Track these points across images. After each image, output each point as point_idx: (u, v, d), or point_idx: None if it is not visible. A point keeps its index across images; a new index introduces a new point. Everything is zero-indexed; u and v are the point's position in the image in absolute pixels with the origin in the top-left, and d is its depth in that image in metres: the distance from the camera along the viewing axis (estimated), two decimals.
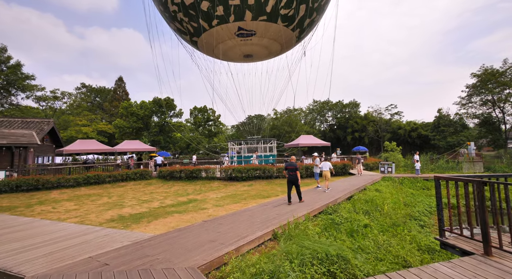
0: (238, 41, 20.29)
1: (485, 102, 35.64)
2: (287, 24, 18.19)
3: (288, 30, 19.31)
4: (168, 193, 13.22)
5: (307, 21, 19.22)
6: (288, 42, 21.29)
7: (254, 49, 21.84)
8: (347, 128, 49.10)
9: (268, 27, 18.24)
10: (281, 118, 53.95)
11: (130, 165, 19.78)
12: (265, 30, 18.62)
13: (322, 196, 9.87)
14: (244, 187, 14.73)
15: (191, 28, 18.47)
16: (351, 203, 9.12)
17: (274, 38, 20.20)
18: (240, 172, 16.22)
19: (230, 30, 18.49)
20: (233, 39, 19.98)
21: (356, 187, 11.61)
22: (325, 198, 9.23)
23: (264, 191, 13.01)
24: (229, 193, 12.99)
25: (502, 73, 33.09)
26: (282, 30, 18.98)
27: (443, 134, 35.76)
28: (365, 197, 10.11)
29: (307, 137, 24.45)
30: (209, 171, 16.83)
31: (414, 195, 12.85)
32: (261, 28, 18.22)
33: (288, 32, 19.53)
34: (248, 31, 18.51)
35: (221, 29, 18.28)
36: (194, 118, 42.68)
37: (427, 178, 15.65)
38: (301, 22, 18.59)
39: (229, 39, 19.93)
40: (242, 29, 18.45)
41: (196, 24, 17.95)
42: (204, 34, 18.96)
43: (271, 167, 16.77)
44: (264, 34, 19.23)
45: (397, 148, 25.13)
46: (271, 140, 26.67)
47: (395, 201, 10.29)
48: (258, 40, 20.20)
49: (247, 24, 17.69)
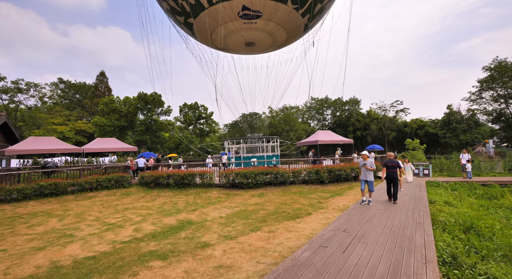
0: (241, 24, 17.01)
1: (496, 98, 33.50)
2: (297, 7, 15.22)
3: (297, 15, 16.32)
4: (149, 210, 9.39)
5: (318, 7, 16.36)
6: (295, 29, 18.30)
7: (258, 35, 18.63)
8: (348, 126, 46.28)
9: (276, 8, 15.35)
10: (277, 117, 50.59)
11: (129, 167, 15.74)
12: (273, 12, 15.67)
13: (396, 217, 6.38)
14: (254, 198, 11.10)
15: (187, 5, 14.96)
16: (449, 233, 5.68)
17: (281, 24, 17.26)
18: (245, 177, 12.59)
19: (233, 10, 15.34)
20: (235, 21, 16.72)
21: (419, 199, 8.22)
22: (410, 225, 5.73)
23: (284, 205, 9.43)
24: (236, 208, 9.33)
25: None
26: (291, 13, 15.97)
27: (455, 132, 33.32)
28: (450, 216, 6.71)
29: (325, 133, 21.08)
30: (205, 175, 13.09)
31: (488, 207, 9.59)
32: (269, 9, 15.26)
33: (296, 17, 16.62)
34: (254, 12, 15.50)
35: (223, 8, 15.01)
36: (184, 116, 38.60)
37: (485, 183, 12.50)
38: (312, 7, 15.76)
39: (231, 21, 16.62)
40: (247, 9, 15.46)
41: (194, 1, 14.51)
42: (202, 14, 15.52)
43: (285, 170, 13.20)
44: (271, 17, 16.15)
45: (421, 146, 22.17)
46: (274, 138, 23.15)
47: (490, 221, 6.92)
48: (264, 24, 17.11)
49: (253, 3, 14.64)
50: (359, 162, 8.36)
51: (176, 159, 28.22)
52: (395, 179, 8.24)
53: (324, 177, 13.01)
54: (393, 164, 8.38)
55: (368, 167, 8.03)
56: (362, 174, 8.24)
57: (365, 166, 8.06)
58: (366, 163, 8.10)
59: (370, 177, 8.09)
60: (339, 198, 10.15)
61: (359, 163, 8.44)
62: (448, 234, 5.72)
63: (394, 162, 8.44)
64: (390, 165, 8.39)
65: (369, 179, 8.09)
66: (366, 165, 8.06)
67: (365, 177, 8.14)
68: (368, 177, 8.08)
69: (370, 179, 8.09)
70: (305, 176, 13.54)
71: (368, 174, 8.10)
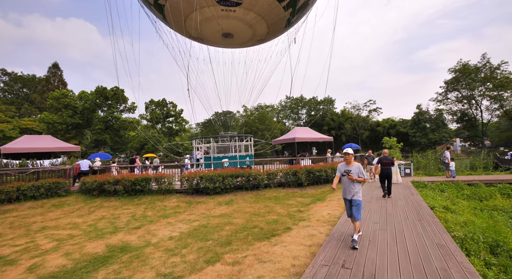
0: (218, 11, 15.08)
1: (460, 99, 35.04)
2: None
3: (280, 7, 14.83)
4: (76, 229, 6.95)
5: (301, 1, 15.06)
6: (277, 23, 16.90)
7: (236, 26, 16.85)
8: (323, 126, 46.05)
9: None
10: (252, 116, 48.92)
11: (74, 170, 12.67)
12: (254, 1, 13.95)
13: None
14: (221, 206, 9.11)
15: None
16: (476, 256, 4.21)
17: (262, 15, 15.74)
18: (211, 180, 10.55)
19: None
20: (212, 7, 14.77)
21: (418, 206, 6.85)
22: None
23: (257, 216, 7.57)
24: (195, 222, 7.27)
25: (478, 69, 32.53)
26: (273, 4, 14.48)
27: (424, 131, 34.19)
28: (465, 230, 5.33)
29: (303, 130, 19.61)
30: (162, 180, 10.78)
31: (482, 210, 8.60)
32: None
33: (279, 9, 15.11)
34: None
35: None
36: (150, 113, 35.19)
37: (470, 183, 11.75)
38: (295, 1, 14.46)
39: (207, 6, 14.65)
40: None
41: None
42: None
43: (258, 172, 11.37)
44: (252, 6, 14.44)
45: (398, 145, 21.76)
46: (248, 137, 21.31)
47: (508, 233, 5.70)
48: (244, 13, 15.44)
49: None
50: (338, 168, 4.90)
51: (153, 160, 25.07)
52: (390, 175, 8.54)
53: (303, 178, 11.41)
54: (388, 160, 8.64)
55: (355, 177, 4.54)
56: (344, 187, 4.78)
57: (350, 175, 4.54)
58: (350, 169, 4.60)
59: (357, 194, 4.59)
60: (321, 205, 8.54)
61: (337, 169, 4.93)
62: (475, 257, 4.26)
63: (389, 159, 8.71)
64: (385, 162, 8.60)
65: (356, 198, 4.58)
66: (351, 174, 4.55)
67: (350, 193, 4.63)
68: (355, 193, 4.60)
69: (357, 198, 4.58)
70: (281, 178, 11.85)
71: (354, 189, 4.60)
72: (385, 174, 8.55)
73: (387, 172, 8.49)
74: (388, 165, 8.55)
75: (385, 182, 8.56)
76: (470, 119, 34.58)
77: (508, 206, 9.24)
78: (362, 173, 4.65)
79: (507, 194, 10.85)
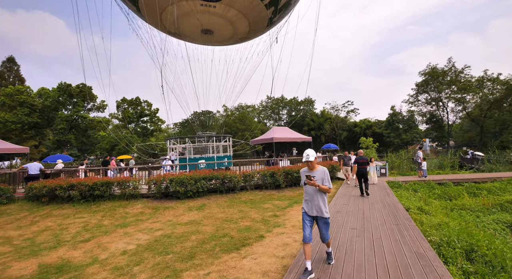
0: (197, 6, 14.33)
1: (429, 101, 36.87)
2: None
3: (261, 6, 14.39)
4: (6, 245, 5.82)
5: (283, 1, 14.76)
6: (258, 22, 16.47)
7: (216, 22, 16.16)
8: (303, 126, 46.42)
9: None
10: (233, 116, 48.12)
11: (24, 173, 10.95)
12: None
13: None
14: (191, 212, 8.35)
15: None
16: (453, 264, 3.91)
17: (243, 12, 15.02)
18: (182, 183, 9.72)
19: None
20: (190, 1, 14.02)
21: (394, 208, 6.59)
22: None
23: (229, 222, 6.94)
24: (158, 232, 6.46)
25: (445, 73, 34.39)
26: (254, 2, 14.03)
27: (397, 131, 35.50)
28: (441, 234, 5.10)
29: (282, 129, 19.13)
30: (127, 184, 9.75)
31: (452, 210, 8.64)
32: None
33: (260, 7, 14.57)
34: None
35: None
36: (122, 112, 33.10)
37: (440, 182, 11.97)
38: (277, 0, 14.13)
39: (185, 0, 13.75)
40: None
41: None
42: None
43: (234, 174, 10.72)
44: (233, 3, 13.88)
45: (374, 145, 22.15)
46: (226, 137, 20.56)
47: (481, 235, 5.58)
48: (224, 10, 14.83)
49: None
50: (301, 173, 3.76)
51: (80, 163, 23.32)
52: (366, 174, 8.90)
53: (281, 180, 10.94)
54: (364, 160, 9.05)
55: (318, 183, 3.41)
56: (306, 199, 3.62)
57: (311, 180, 3.37)
58: (314, 175, 3.45)
59: (325, 208, 3.49)
60: (298, 208, 8.09)
61: (300, 173, 3.80)
62: (453, 266, 3.96)
63: (365, 159, 9.13)
64: (361, 162, 8.96)
65: (325, 215, 3.47)
66: (315, 179, 3.39)
67: (316, 208, 3.49)
68: (322, 208, 3.47)
69: (326, 215, 3.48)
70: (258, 180, 11.30)
71: (321, 202, 3.48)
72: (361, 174, 8.91)
73: (364, 171, 8.88)
74: (364, 164, 8.98)
75: (362, 181, 8.94)
76: (438, 120, 36.51)
77: (474, 205, 9.49)
78: (327, 180, 3.45)
79: (473, 192, 11.22)
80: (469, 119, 35.14)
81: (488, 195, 10.35)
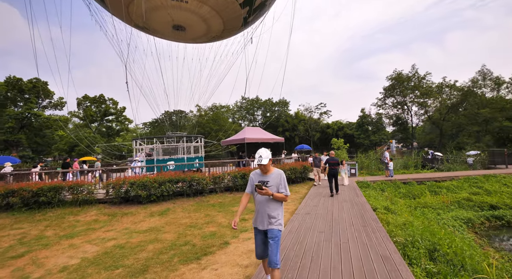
0: (169, 0, 13.45)
1: (395, 104, 39.16)
2: None
3: (236, 4, 14.02)
4: None
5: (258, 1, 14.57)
6: (233, 21, 16.05)
7: (189, 18, 15.43)
8: (278, 127, 46.76)
9: None
10: (206, 116, 47.01)
11: None
12: None
13: None
14: (153, 217, 7.67)
15: None
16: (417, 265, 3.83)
17: (217, 10, 14.50)
18: (145, 187, 8.96)
19: None
20: None
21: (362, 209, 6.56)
22: None
23: (193, 228, 6.42)
24: (110, 241, 5.75)
25: (409, 78, 36.75)
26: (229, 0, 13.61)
27: (367, 133, 37.14)
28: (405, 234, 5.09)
29: (254, 130, 18.78)
30: (80, 188, 8.73)
31: (416, 208, 8.94)
32: None
33: (235, 6, 14.19)
34: None
35: None
36: (84, 111, 30.55)
37: (405, 181, 12.46)
38: None
39: None
40: None
41: None
42: None
43: (202, 176, 10.16)
44: None
45: (345, 146, 22.78)
46: (198, 137, 19.80)
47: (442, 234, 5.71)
48: (197, 6, 14.23)
49: None
50: (250, 179, 3.01)
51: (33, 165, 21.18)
52: (336, 175, 9.21)
53: None
54: (335, 161, 9.35)
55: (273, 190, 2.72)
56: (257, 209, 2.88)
57: (261, 190, 2.62)
58: (267, 180, 2.79)
59: (278, 220, 2.78)
60: None
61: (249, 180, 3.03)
62: (417, 267, 3.89)
63: (335, 160, 9.43)
64: (332, 162, 9.24)
65: (276, 226, 2.74)
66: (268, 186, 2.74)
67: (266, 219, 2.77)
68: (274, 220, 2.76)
69: (277, 226, 2.75)
70: (229, 182, 10.86)
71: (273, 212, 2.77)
72: (332, 174, 9.19)
73: (334, 171, 9.19)
74: (335, 165, 9.28)
75: (333, 181, 9.20)
76: (403, 123, 38.91)
77: (435, 203, 9.99)
78: (284, 185, 2.74)
79: (434, 191, 11.85)
80: (430, 122, 37.92)
81: (447, 193, 10.98)
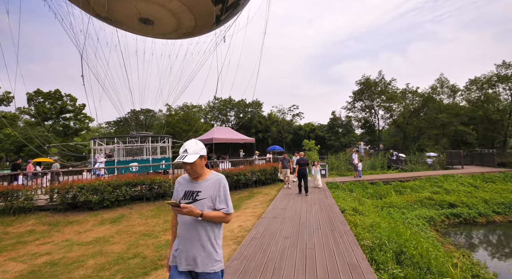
0: None
1: (364, 108, 41.08)
2: None
3: (208, 1, 13.55)
4: None
5: None
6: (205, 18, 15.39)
7: (157, 11, 14.47)
8: (251, 128, 46.49)
9: None
10: (177, 116, 45.19)
11: None
12: None
13: None
14: (103, 226, 6.77)
15: None
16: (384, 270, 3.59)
17: (188, 5, 13.81)
18: (96, 191, 7.95)
19: None
20: None
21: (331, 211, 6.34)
22: None
23: (147, 237, 5.71)
24: (40, 259, 4.83)
25: (376, 84, 38.77)
26: None
27: (337, 135, 38.37)
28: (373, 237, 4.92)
29: (224, 130, 18.05)
30: (15, 194, 7.45)
31: (382, 208, 9.06)
32: None
33: (207, 2, 13.67)
34: None
35: None
36: (36, 107, 27.43)
37: (372, 181, 12.74)
38: None
39: None
40: None
41: None
42: None
43: (164, 179, 9.34)
44: None
45: (316, 147, 23.10)
46: (165, 138, 18.65)
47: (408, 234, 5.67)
48: None
49: None
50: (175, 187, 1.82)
51: None
52: (306, 175, 9.42)
53: None
54: (304, 161, 9.58)
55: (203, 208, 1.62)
56: (181, 235, 1.67)
57: (178, 207, 1.50)
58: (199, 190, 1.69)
59: (208, 255, 1.61)
60: (234, 214, 7.28)
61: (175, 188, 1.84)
62: (384, 272, 3.66)
63: (305, 160, 9.65)
64: (302, 163, 9.52)
65: (205, 267, 1.59)
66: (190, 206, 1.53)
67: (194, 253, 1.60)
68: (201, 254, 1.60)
69: (207, 268, 1.59)
70: None
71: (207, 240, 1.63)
72: (301, 174, 9.48)
73: (304, 171, 9.44)
74: (304, 165, 9.51)
75: (302, 181, 9.47)
76: (371, 126, 40.89)
77: (400, 202, 10.28)
78: (224, 198, 1.71)
79: (399, 190, 12.28)
80: (395, 125, 40.33)
81: (411, 192, 11.41)
